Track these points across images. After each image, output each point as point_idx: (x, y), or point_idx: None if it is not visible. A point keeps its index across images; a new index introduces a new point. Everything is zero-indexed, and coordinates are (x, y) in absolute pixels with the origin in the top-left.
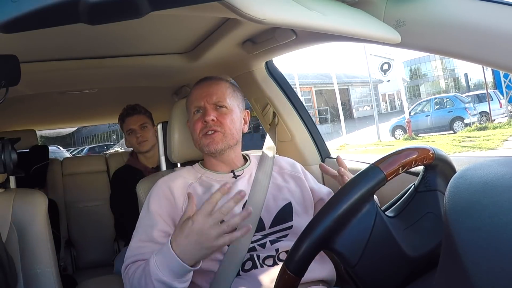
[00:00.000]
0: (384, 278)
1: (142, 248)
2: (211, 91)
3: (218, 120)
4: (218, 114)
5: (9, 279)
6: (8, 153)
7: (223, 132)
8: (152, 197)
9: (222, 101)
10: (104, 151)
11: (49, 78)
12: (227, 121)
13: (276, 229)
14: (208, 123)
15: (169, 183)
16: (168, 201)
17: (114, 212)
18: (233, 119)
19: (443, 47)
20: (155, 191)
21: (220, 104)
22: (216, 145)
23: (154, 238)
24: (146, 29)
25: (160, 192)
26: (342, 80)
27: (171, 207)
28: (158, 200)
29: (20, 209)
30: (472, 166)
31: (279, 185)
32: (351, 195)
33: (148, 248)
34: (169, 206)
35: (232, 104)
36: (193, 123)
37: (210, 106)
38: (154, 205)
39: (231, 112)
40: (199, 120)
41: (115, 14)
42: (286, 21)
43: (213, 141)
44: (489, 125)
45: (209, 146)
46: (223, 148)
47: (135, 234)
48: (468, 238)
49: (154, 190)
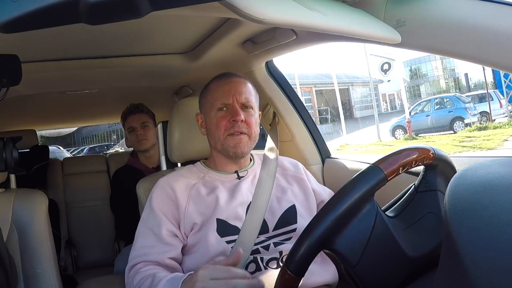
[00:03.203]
0: (385, 278)
1: (149, 249)
2: (241, 90)
3: (245, 121)
4: (245, 115)
5: (10, 278)
6: (10, 152)
7: (249, 135)
8: (155, 197)
9: (250, 101)
10: (105, 151)
11: (49, 78)
12: (253, 123)
13: (280, 232)
14: (237, 122)
15: (171, 183)
16: (171, 201)
17: (115, 212)
18: (257, 120)
19: (443, 47)
20: (157, 190)
21: (248, 104)
22: (243, 148)
23: (162, 237)
24: (146, 29)
25: (163, 192)
26: (343, 80)
27: (174, 207)
28: (161, 200)
29: (21, 209)
30: (472, 166)
31: (283, 187)
32: (352, 195)
33: (155, 249)
34: (173, 206)
35: (256, 105)
36: (217, 119)
37: (239, 105)
38: (158, 204)
39: (255, 113)
40: (224, 117)
41: (115, 14)
42: (287, 21)
43: (240, 143)
44: (490, 125)
45: (236, 148)
46: (247, 152)
47: (139, 235)
48: (468, 238)
49: (155, 190)
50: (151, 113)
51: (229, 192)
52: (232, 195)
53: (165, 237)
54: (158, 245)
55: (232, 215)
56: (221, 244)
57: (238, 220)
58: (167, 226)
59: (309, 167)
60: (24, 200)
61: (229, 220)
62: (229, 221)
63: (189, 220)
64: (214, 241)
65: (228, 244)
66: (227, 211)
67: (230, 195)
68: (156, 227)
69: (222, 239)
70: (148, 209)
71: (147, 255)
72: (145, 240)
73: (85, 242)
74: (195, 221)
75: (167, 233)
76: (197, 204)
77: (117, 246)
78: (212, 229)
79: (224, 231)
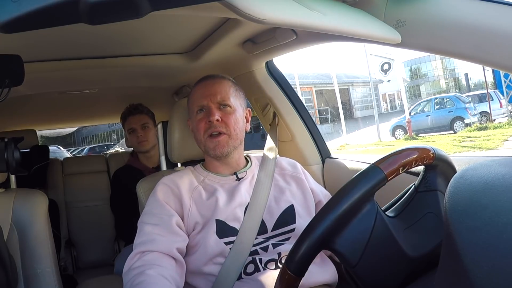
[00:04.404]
0: (385, 278)
1: (158, 237)
2: (215, 90)
3: (222, 120)
4: (223, 114)
5: (11, 277)
6: (11, 152)
7: (228, 134)
8: (159, 190)
9: (226, 100)
10: (105, 151)
11: (50, 78)
12: (231, 121)
13: (278, 232)
14: (212, 123)
15: (176, 181)
16: (176, 198)
17: (114, 212)
18: (237, 118)
19: (443, 47)
20: (161, 186)
21: (224, 103)
22: (222, 148)
23: (171, 226)
24: (146, 29)
25: (167, 188)
26: (343, 80)
27: (179, 204)
28: (166, 194)
29: (21, 209)
30: (473, 166)
31: (281, 187)
32: (352, 195)
33: (165, 238)
34: (177, 203)
35: (235, 103)
36: (196, 122)
37: (214, 106)
38: (163, 197)
39: (234, 111)
40: (202, 120)
41: (116, 14)
42: (287, 21)
43: (219, 144)
44: (490, 125)
45: (215, 149)
46: (229, 151)
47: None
48: (468, 238)
49: (160, 185)
50: (151, 113)
51: (228, 193)
52: (231, 197)
53: (174, 226)
54: (166, 234)
55: (231, 216)
56: (220, 245)
57: (236, 221)
58: (175, 217)
59: (309, 167)
60: (24, 200)
61: (228, 221)
62: (228, 222)
63: (192, 219)
64: (213, 243)
65: (227, 246)
66: (226, 212)
67: (229, 197)
68: (165, 216)
69: (220, 241)
70: (153, 202)
71: (155, 242)
72: (152, 228)
73: (85, 242)
74: (197, 220)
75: (175, 223)
76: (199, 207)
77: (117, 246)
78: (212, 230)
79: (223, 232)
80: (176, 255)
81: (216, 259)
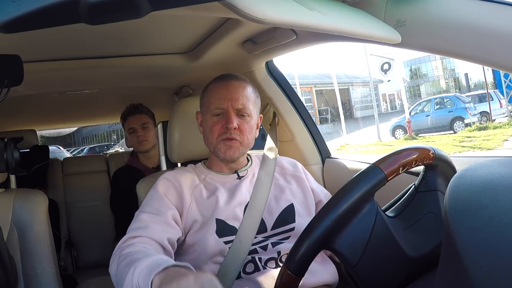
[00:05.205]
0: (385, 278)
1: (152, 224)
2: (238, 95)
3: (238, 128)
4: (240, 122)
5: (11, 277)
6: (11, 152)
7: (241, 141)
8: (160, 185)
9: (246, 108)
10: (105, 151)
11: (49, 78)
12: (246, 130)
13: (278, 231)
14: (229, 130)
15: (177, 177)
16: (176, 193)
17: (114, 212)
18: (252, 126)
19: (443, 47)
20: (162, 181)
21: (244, 112)
22: (233, 154)
23: (166, 217)
24: (146, 29)
25: (169, 183)
26: (343, 80)
27: (179, 200)
28: (166, 188)
29: (21, 209)
30: (472, 166)
31: (281, 186)
32: (352, 195)
33: (158, 227)
34: (178, 199)
35: (253, 111)
36: (211, 124)
37: (234, 112)
38: (163, 191)
39: (251, 120)
40: (218, 123)
41: (115, 14)
42: (287, 21)
43: (231, 149)
44: (490, 125)
45: (226, 153)
46: (238, 157)
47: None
48: (468, 238)
49: (161, 180)
50: (151, 113)
51: (228, 192)
52: (231, 196)
53: (169, 219)
54: (160, 224)
55: (231, 215)
56: (219, 244)
57: (236, 220)
58: (172, 211)
59: (309, 167)
60: (24, 200)
61: (227, 220)
62: (228, 221)
63: (191, 217)
64: (212, 242)
65: (226, 244)
66: (226, 211)
67: (229, 196)
68: (162, 208)
69: (220, 239)
70: (153, 194)
71: (148, 229)
72: (147, 216)
73: (85, 242)
74: (196, 219)
75: (170, 216)
76: (199, 205)
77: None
78: (211, 230)
79: (223, 231)
80: (165, 245)
81: (215, 258)
